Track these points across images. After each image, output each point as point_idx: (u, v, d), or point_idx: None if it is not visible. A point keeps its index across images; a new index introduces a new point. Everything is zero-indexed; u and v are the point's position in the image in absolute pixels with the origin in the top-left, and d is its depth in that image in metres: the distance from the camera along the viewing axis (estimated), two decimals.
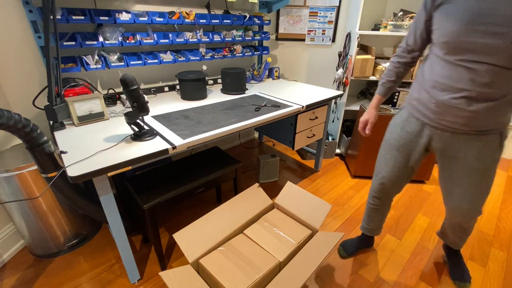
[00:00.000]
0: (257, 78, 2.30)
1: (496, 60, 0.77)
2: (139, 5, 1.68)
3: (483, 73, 0.80)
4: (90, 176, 0.94)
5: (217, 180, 1.48)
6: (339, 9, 2.39)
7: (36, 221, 1.36)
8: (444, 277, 1.41)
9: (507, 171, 2.48)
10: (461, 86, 0.84)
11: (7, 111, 0.94)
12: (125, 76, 1.07)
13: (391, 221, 1.80)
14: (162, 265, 1.40)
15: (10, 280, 1.34)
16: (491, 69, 0.79)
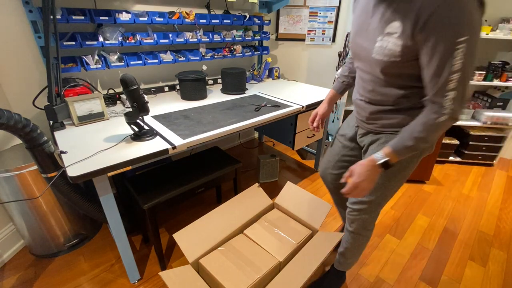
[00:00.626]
0: (257, 78, 2.30)
1: (372, 71, 0.81)
2: (139, 5, 1.68)
3: (367, 81, 0.86)
4: (90, 176, 0.94)
5: (217, 180, 1.48)
6: (339, 9, 2.39)
7: (36, 221, 1.36)
8: (444, 277, 1.41)
9: (507, 171, 2.48)
10: (360, 91, 0.93)
11: (7, 111, 0.93)
12: (125, 76, 1.07)
13: (391, 221, 1.80)
14: (162, 265, 1.40)
15: (10, 280, 1.34)
16: (372, 78, 0.84)
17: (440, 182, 2.27)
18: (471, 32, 0.58)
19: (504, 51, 2.47)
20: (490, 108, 2.47)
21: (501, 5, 2.28)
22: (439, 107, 0.66)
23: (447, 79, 0.62)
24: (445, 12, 0.57)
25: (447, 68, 0.61)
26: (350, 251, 1.15)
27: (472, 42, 0.58)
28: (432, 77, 0.65)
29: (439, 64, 0.62)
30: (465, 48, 0.58)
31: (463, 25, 0.57)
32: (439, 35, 0.60)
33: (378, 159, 0.74)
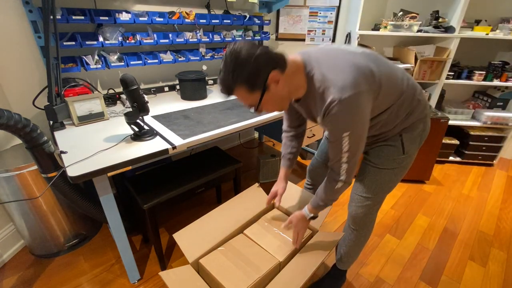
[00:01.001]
0: None
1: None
2: (139, 5, 1.68)
3: None
4: (90, 176, 0.94)
5: (217, 180, 1.48)
6: (339, 9, 2.39)
7: (36, 221, 1.36)
8: (444, 277, 1.41)
9: (507, 171, 2.48)
10: None
11: (7, 111, 0.93)
12: (125, 76, 1.07)
13: (391, 221, 1.80)
14: (162, 265, 1.40)
15: (10, 280, 1.34)
16: None
17: (440, 182, 2.27)
18: (352, 129, 0.76)
19: (504, 51, 2.47)
20: (490, 108, 2.47)
21: (501, 5, 2.28)
22: (336, 174, 0.86)
23: (340, 156, 0.81)
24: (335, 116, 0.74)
25: (339, 149, 0.80)
26: (352, 248, 1.18)
27: (354, 134, 0.77)
28: (331, 151, 0.84)
29: (334, 146, 0.81)
30: (348, 138, 0.77)
31: (347, 125, 0.75)
32: (331, 129, 0.80)
33: (307, 215, 1.00)
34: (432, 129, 2.00)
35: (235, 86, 0.73)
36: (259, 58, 0.70)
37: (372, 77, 0.75)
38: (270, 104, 0.80)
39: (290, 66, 0.76)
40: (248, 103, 0.79)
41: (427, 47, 2.30)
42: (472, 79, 2.29)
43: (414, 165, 2.16)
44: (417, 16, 2.11)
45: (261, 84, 0.73)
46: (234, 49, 0.70)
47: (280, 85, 0.76)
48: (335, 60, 0.77)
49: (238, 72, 0.70)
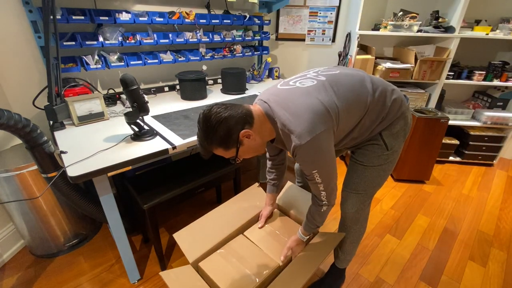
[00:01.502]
0: (257, 78, 2.30)
1: None
2: (139, 5, 1.68)
3: None
4: (90, 176, 0.94)
5: (217, 180, 1.48)
6: (339, 9, 2.39)
7: (36, 221, 1.36)
8: (444, 277, 1.41)
9: (507, 171, 2.48)
10: None
11: (7, 111, 0.93)
12: (125, 76, 1.07)
13: (391, 221, 1.80)
14: (162, 265, 1.40)
15: (10, 280, 1.34)
16: None
17: (440, 182, 2.27)
18: (318, 167, 0.83)
19: (504, 51, 2.47)
20: (490, 108, 2.47)
21: (501, 5, 2.28)
22: (319, 200, 0.94)
23: (317, 187, 0.89)
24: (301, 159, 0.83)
25: (314, 182, 0.88)
26: (348, 245, 1.20)
27: (322, 169, 0.84)
28: (308, 181, 0.91)
29: (309, 179, 0.89)
30: (318, 173, 0.84)
31: (313, 164, 0.83)
32: (302, 168, 0.87)
33: (303, 239, 1.08)
34: (432, 129, 2.01)
35: (212, 149, 0.83)
36: (228, 121, 0.78)
37: (327, 114, 0.80)
38: (247, 154, 0.88)
39: (256, 119, 0.84)
40: (227, 157, 0.87)
41: (427, 47, 2.30)
42: (472, 79, 2.29)
43: (414, 165, 2.16)
44: (417, 16, 2.11)
45: (234, 142, 0.81)
46: (205, 115, 0.79)
47: (252, 138, 0.83)
48: (291, 105, 0.82)
49: (211, 137, 0.79)
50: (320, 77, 0.88)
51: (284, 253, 1.07)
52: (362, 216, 1.12)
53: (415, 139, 2.06)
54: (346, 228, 1.16)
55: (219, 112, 0.78)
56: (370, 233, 1.69)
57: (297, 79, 0.93)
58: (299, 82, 0.89)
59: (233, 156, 0.85)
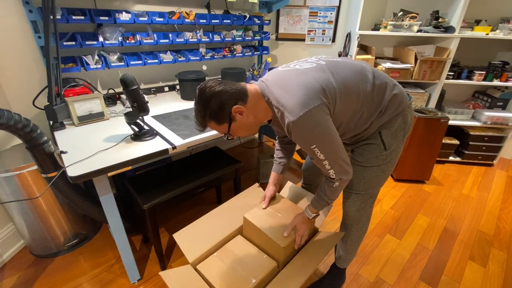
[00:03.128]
0: (257, 78, 2.30)
1: None
2: (139, 5, 1.68)
3: None
4: (90, 176, 0.94)
5: (217, 180, 1.48)
6: (339, 9, 2.39)
7: (36, 221, 1.36)
8: (444, 277, 1.41)
9: (507, 171, 2.48)
10: None
11: (7, 111, 0.93)
12: (125, 76, 1.07)
13: (391, 221, 1.80)
14: (162, 265, 1.40)
15: (10, 280, 1.34)
16: None
17: (440, 182, 2.27)
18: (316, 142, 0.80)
19: (504, 51, 2.47)
20: (490, 108, 2.47)
21: (501, 5, 2.28)
22: (330, 179, 0.91)
23: (322, 164, 0.86)
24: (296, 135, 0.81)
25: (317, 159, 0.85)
26: (350, 244, 1.20)
27: (322, 144, 0.81)
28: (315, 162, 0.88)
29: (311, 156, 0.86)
30: (318, 149, 0.81)
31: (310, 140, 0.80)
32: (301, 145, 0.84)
33: (310, 215, 1.03)
34: (432, 129, 2.01)
35: (205, 122, 0.84)
36: (221, 95, 0.79)
37: (322, 92, 0.79)
38: (239, 131, 0.89)
39: (251, 97, 0.84)
40: (219, 132, 0.88)
41: (427, 47, 2.30)
42: (472, 79, 2.29)
43: (414, 165, 2.16)
44: (417, 16, 2.11)
45: (226, 117, 0.82)
46: (200, 89, 0.81)
47: (245, 115, 0.84)
48: (287, 84, 0.82)
49: (204, 110, 0.81)
50: (320, 62, 0.89)
51: (288, 230, 1.03)
52: (364, 215, 1.12)
53: (415, 139, 2.06)
54: (347, 227, 1.16)
55: (213, 86, 0.80)
56: (370, 233, 1.69)
57: (297, 62, 0.93)
58: (298, 65, 0.90)
59: (225, 132, 0.86)
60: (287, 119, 0.79)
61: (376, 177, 1.01)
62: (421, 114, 2.01)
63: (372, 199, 1.09)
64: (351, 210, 1.09)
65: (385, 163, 0.99)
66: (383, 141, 0.95)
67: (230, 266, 1.01)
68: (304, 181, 1.41)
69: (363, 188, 1.03)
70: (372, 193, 1.06)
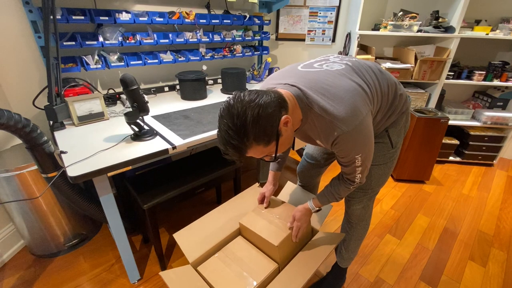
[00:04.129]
0: (257, 78, 2.30)
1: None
2: (139, 5, 1.68)
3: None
4: (90, 176, 0.94)
5: (217, 180, 1.48)
6: (339, 9, 2.39)
7: (36, 221, 1.36)
8: (444, 277, 1.41)
9: (507, 171, 2.48)
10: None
11: (7, 111, 0.93)
12: (125, 76, 1.07)
13: (391, 221, 1.80)
14: (162, 265, 1.40)
15: (10, 280, 1.34)
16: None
17: (440, 182, 2.27)
18: (362, 151, 0.77)
19: (504, 51, 2.47)
20: (490, 108, 2.47)
21: (501, 5, 2.28)
22: (351, 182, 0.89)
23: (354, 170, 0.83)
24: (344, 145, 0.75)
25: (352, 167, 0.82)
26: (352, 243, 1.21)
27: (365, 154, 0.78)
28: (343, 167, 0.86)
29: (346, 165, 0.84)
30: (361, 157, 0.78)
31: (357, 150, 0.76)
32: (343, 155, 0.79)
33: (313, 208, 1.00)
34: (432, 129, 2.01)
35: (249, 148, 0.68)
36: (267, 109, 0.64)
37: (367, 97, 0.76)
38: (282, 147, 0.75)
39: (289, 103, 0.73)
40: (264, 155, 0.74)
41: (427, 47, 2.30)
42: (472, 79, 2.29)
43: (414, 165, 2.16)
44: (417, 16, 2.11)
45: (274, 134, 0.68)
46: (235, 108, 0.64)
47: (289, 126, 0.72)
48: (329, 89, 0.74)
49: (247, 133, 0.64)
50: (344, 61, 0.85)
51: (291, 221, 1.02)
52: (367, 213, 1.13)
53: (415, 139, 2.06)
54: (351, 225, 1.17)
55: (253, 100, 0.64)
56: (370, 233, 1.69)
57: (321, 62, 0.86)
58: (325, 65, 0.83)
59: (272, 153, 0.73)
60: (338, 129, 0.71)
61: (383, 174, 1.02)
62: (421, 114, 2.01)
63: (375, 197, 1.10)
64: (357, 208, 1.10)
65: (391, 160, 1.01)
66: (390, 139, 0.96)
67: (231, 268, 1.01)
68: (301, 182, 1.42)
69: (369, 186, 1.04)
70: (376, 191, 1.07)
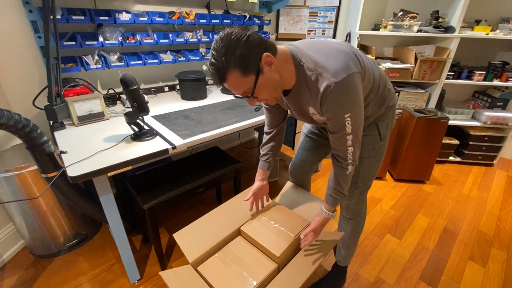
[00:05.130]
0: None
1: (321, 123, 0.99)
2: (139, 5, 1.68)
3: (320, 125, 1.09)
4: (90, 176, 0.94)
5: (217, 180, 1.48)
6: (339, 9, 2.39)
7: (36, 221, 1.36)
8: (444, 277, 1.41)
9: (507, 171, 2.48)
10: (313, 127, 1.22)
11: (7, 111, 0.93)
12: (125, 76, 1.07)
13: (391, 221, 1.80)
14: (162, 265, 1.40)
15: (10, 280, 1.34)
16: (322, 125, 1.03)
17: (440, 182, 2.27)
18: (352, 109, 0.77)
19: (504, 51, 2.47)
20: (490, 108, 2.47)
21: (501, 5, 2.28)
22: (343, 160, 0.87)
23: (345, 140, 0.83)
24: (333, 100, 0.76)
25: (343, 134, 0.81)
26: (350, 238, 1.22)
27: (354, 113, 0.78)
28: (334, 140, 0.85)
29: (337, 132, 0.82)
30: (350, 119, 0.78)
31: (347, 106, 0.76)
32: (332, 114, 0.79)
33: (331, 216, 0.98)
34: (432, 129, 2.01)
35: (228, 71, 0.71)
36: (250, 38, 0.70)
37: (358, 61, 0.79)
38: (265, 90, 0.78)
39: (279, 54, 0.77)
40: (242, 89, 0.76)
41: (427, 47, 2.30)
42: (472, 79, 2.29)
43: (414, 165, 2.16)
44: (417, 16, 2.11)
45: (254, 66, 0.72)
46: (226, 33, 0.70)
47: (273, 68, 0.75)
48: (322, 48, 0.79)
49: (230, 55, 0.69)
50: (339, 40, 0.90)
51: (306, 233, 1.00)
52: (362, 208, 1.15)
53: (415, 139, 2.06)
54: (348, 222, 1.19)
55: (241, 31, 0.70)
56: (370, 233, 1.69)
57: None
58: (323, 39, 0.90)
59: (250, 87, 0.75)
60: (326, 81, 0.73)
61: (373, 167, 1.05)
62: (421, 114, 2.01)
63: (367, 190, 1.13)
64: (351, 203, 1.12)
65: (380, 153, 1.03)
66: (379, 132, 0.99)
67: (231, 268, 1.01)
68: (293, 181, 1.42)
69: (361, 179, 1.06)
70: (368, 185, 1.10)
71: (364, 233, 1.68)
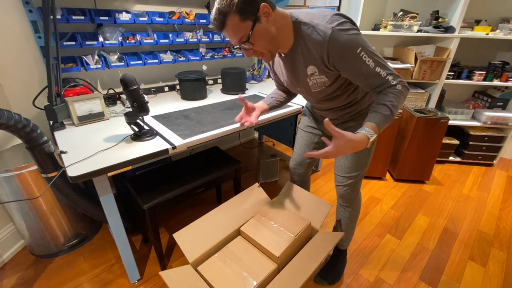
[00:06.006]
0: (257, 78, 2.30)
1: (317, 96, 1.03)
2: (139, 5, 1.68)
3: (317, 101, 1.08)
4: (90, 176, 0.94)
5: (217, 180, 1.48)
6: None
7: (36, 221, 1.36)
8: (444, 277, 1.41)
9: (507, 171, 2.48)
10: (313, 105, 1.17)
11: (7, 111, 0.93)
12: (125, 76, 1.07)
13: (391, 221, 1.80)
14: (162, 265, 1.40)
15: (10, 280, 1.34)
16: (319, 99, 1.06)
17: (440, 182, 2.27)
18: (360, 42, 0.78)
19: (504, 51, 2.47)
20: (490, 108, 2.47)
21: (501, 5, 2.28)
22: (389, 85, 0.82)
23: (376, 73, 0.81)
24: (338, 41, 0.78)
25: (367, 70, 0.81)
26: (348, 225, 1.29)
27: (365, 45, 0.79)
28: (368, 82, 0.83)
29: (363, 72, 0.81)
30: (364, 52, 0.79)
31: (354, 42, 0.78)
32: (346, 60, 0.80)
33: (371, 136, 0.79)
34: (432, 129, 2.01)
35: (229, 14, 0.76)
36: None
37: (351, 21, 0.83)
38: (260, 40, 0.82)
39: (278, 11, 0.83)
40: (239, 36, 0.81)
41: (427, 47, 2.30)
42: (472, 79, 2.29)
43: (414, 165, 2.16)
44: (417, 16, 2.11)
45: (252, 13, 0.77)
46: None
47: (270, 20, 0.80)
48: (317, 11, 0.86)
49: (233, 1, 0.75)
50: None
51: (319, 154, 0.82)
52: (357, 195, 1.22)
53: (415, 139, 2.06)
54: (345, 209, 1.25)
55: None
56: (370, 233, 1.69)
57: None
58: None
59: (246, 33, 0.80)
60: (323, 29, 0.79)
61: (364, 157, 1.10)
62: (421, 114, 2.01)
63: (362, 179, 1.18)
64: (347, 192, 1.18)
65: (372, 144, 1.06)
66: None
67: (231, 268, 1.01)
68: (294, 178, 1.42)
69: (355, 169, 1.12)
70: (362, 174, 1.15)
71: (364, 233, 1.68)
